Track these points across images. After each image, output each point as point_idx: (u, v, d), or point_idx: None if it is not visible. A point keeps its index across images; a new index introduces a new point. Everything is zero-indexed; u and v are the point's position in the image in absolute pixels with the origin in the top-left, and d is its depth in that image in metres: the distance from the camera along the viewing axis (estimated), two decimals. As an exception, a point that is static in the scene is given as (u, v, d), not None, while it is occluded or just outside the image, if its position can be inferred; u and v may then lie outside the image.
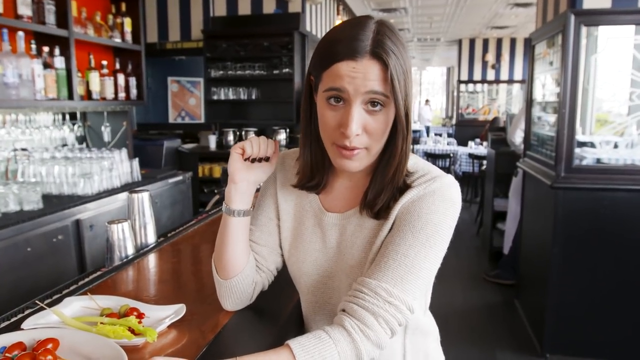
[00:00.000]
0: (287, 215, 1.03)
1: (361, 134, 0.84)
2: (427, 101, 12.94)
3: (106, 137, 3.44)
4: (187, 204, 3.58)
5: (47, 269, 2.29)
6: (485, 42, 10.54)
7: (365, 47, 0.81)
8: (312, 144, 0.96)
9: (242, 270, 0.98)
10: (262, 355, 0.75)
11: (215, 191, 2.64)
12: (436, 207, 0.86)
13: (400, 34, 0.86)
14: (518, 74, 10.30)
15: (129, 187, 2.96)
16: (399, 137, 0.87)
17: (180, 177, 3.49)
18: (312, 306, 1.02)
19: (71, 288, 1.18)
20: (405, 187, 0.90)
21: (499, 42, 10.46)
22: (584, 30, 2.63)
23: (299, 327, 1.08)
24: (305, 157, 0.98)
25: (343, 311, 0.83)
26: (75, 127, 3.36)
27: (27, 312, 1.04)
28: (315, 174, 0.98)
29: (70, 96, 2.88)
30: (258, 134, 4.96)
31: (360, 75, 0.81)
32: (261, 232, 1.04)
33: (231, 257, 0.97)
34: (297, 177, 1.01)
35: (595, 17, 2.64)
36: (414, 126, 12.02)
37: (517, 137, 4.11)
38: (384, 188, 0.90)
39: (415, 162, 0.94)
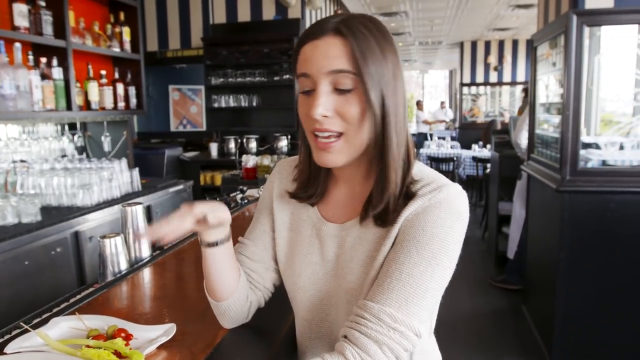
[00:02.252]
0: (282, 225, 0.98)
1: (333, 116, 0.80)
2: (418, 102, 12.54)
3: (106, 147, 3.42)
4: (189, 213, 3.55)
5: (46, 282, 2.26)
6: (487, 44, 10.51)
7: (329, 26, 0.79)
8: (310, 152, 0.91)
9: (233, 292, 0.95)
10: None
11: (217, 200, 2.60)
12: (442, 220, 0.79)
13: (385, 27, 0.83)
14: (521, 76, 10.27)
15: (129, 197, 2.93)
16: (385, 124, 0.80)
17: (181, 186, 3.47)
18: (306, 325, 0.96)
19: (62, 306, 1.15)
20: (410, 195, 0.83)
21: (501, 43, 10.43)
22: (586, 30, 2.59)
23: (293, 349, 1.04)
24: (302, 166, 0.94)
25: (345, 337, 0.78)
26: (75, 137, 3.35)
27: (13, 332, 1.01)
28: (310, 183, 0.94)
29: (69, 107, 2.86)
30: (260, 140, 4.96)
31: (321, 53, 0.78)
32: (256, 246, 1.00)
33: (219, 285, 0.94)
34: (294, 185, 0.97)
35: (598, 17, 2.60)
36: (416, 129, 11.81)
37: (523, 138, 4.04)
38: (385, 191, 0.83)
39: (420, 170, 0.87)
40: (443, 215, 0.80)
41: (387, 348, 0.74)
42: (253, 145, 4.89)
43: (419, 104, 12.19)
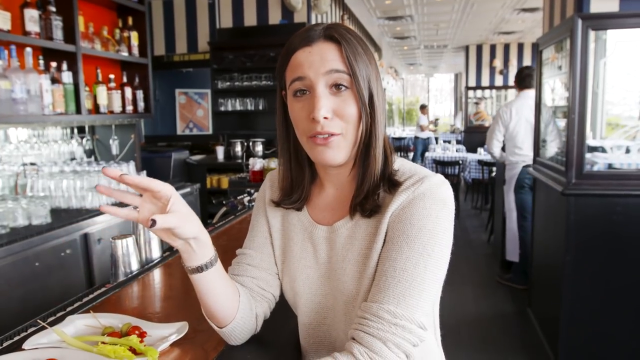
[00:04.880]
0: (276, 232, 1.00)
1: (332, 117, 0.84)
2: (423, 107, 12.05)
3: (114, 150, 3.46)
4: (197, 215, 3.57)
5: (56, 283, 2.29)
6: (493, 48, 10.52)
7: (319, 33, 0.85)
8: (290, 159, 0.95)
9: (234, 315, 0.91)
10: None
11: (224, 202, 2.63)
12: (428, 210, 0.81)
13: (358, 35, 0.89)
14: (526, 79, 10.23)
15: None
16: (373, 121, 0.86)
17: (188, 189, 3.50)
18: (305, 328, 0.98)
19: (75, 305, 1.17)
20: (394, 184, 0.86)
21: (507, 47, 10.43)
22: (591, 34, 2.60)
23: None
24: (284, 174, 0.97)
25: (352, 339, 0.79)
26: (84, 140, 3.38)
27: (29, 330, 1.03)
28: (294, 190, 0.96)
29: (78, 110, 2.90)
30: (265, 144, 4.98)
31: (317, 57, 0.84)
32: (259, 254, 1.00)
33: (217, 311, 0.90)
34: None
35: (603, 21, 2.61)
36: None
37: (495, 147, 4.15)
38: (368, 180, 0.87)
39: (401, 165, 0.90)
40: (428, 206, 0.82)
41: (393, 344, 0.75)
42: (259, 148, 4.92)
43: (423, 109, 11.93)
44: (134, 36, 3.44)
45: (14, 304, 2.06)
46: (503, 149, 4.25)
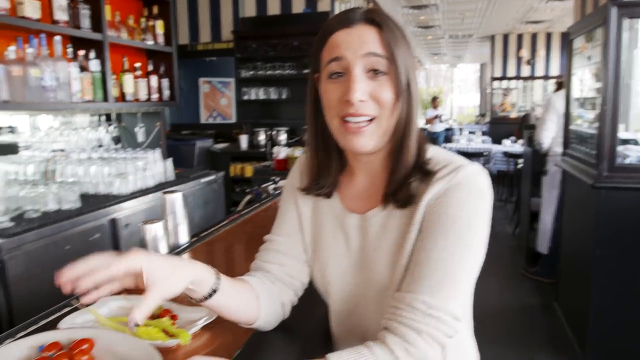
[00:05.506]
0: (306, 220, 0.99)
1: (368, 100, 0.82)
2: (435, 99, 11.04)
3: (140, 137, 3.50)
4: (219, 203, 3.60)
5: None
6: (520, 38, 10.30)
7: (359, 15, 0.84)
8: (318, 146, 0.94)
9: (257, 316, 0.91)
10: None
11: (247, 191, 2.64)
12: (464, 201, 0.80)
13: (397, 22, 0.87)
14: (554, 70, 10.02)
15: (163, 187, 3.00)
16: (409, 110, 0.84)
17: (212, 177, 3.52)
18: (336, 317, 0.97)
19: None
20: (428, 173, 0.84)
21: (534, 37, 10.20)
22: (626, 22, 2.52)
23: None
24: (312, 160, 0.96)
25: (385, 329, 0.78)
26: (111, 128, 3.43)
27: (63, 311, 1.05)
28: (321, 177, 0.94)
29: (105, 98, 2.94)
30: (289, 133, 4.99)
31: (356, 39, 0.82)
32: (288, 241, 0.99)
33: (238, 318, 0.90)
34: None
35: (639, 9, 2.53)
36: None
37: (545, 138, 3.94)
38: (402, 170, 0.85)
39: (436, 153, 0.88)
40: (464, 196, 0.80)
41: (427, 335, 0.74)
42: (283, 137, 4.93)
43: (434, 101, 11.02)
44: (159, 25, 3.46)
45: (46, 286, 2.10)
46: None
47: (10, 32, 2.48)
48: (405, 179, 0.85)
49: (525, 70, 10.26)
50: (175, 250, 1.49)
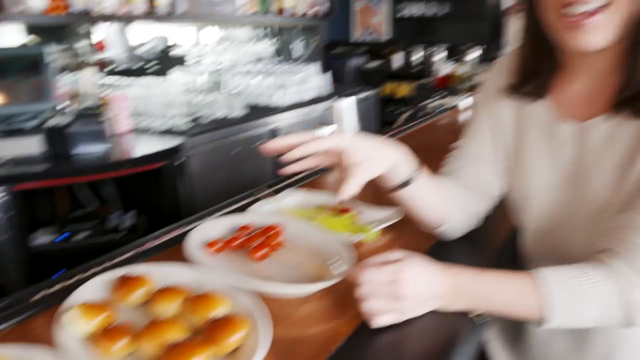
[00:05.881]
0: (506, 126, 0.86)
1: None
2: None
3: (299, 51, 3.54)
4: (373, 121, 3.56)
5: (249, 170, 2.49)
6: None
7: None
8: (530, 37, 0.79)
9: (444, 220, 0.85)
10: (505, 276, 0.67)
11: (404, 109, 2.55)
12: None
13: None
14: None
15: (319, 101, 3.03)
16: None
17: (367, 94, 3.47)
18: (531, 234, 0.87)
19: (286, 182, 1.22)
20: None
21: None
22: None
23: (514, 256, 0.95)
24: (525, 54, 0.81)
25: (611, 250, 0.68)
26: (271, 41, 3.52)
27: (250, 198, 1.09)
28: (533, 75, 0.80)
29: (266, 12, 2.99)
30: (449, 52, 4.65)
31: None
32: (484, 148, 0.88)
33: (424, 219, 0.85)
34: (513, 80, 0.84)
35: None
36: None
37: None
38: None
39: None
40: None
41: None
42: (440, 56, 4.63)
43: None
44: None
45: (220, 183, 2.30)
46: None
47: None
48: None
49: None
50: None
